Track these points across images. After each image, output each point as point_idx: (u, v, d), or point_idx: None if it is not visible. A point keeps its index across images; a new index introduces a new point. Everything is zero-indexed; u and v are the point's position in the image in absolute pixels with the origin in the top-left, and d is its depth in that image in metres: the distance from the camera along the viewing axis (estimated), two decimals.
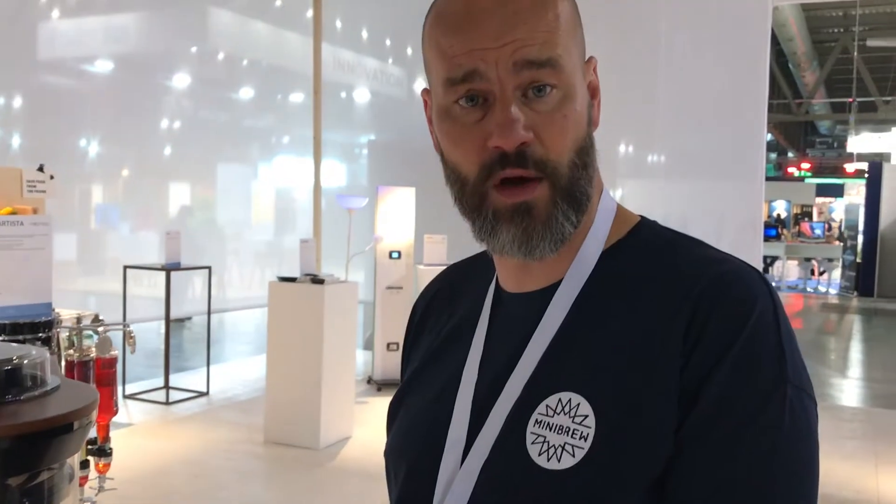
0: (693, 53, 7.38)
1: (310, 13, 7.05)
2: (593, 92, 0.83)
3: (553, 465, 0.74)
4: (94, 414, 1.07)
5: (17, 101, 6.98)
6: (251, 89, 9.32)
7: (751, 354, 0.72)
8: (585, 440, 0.73)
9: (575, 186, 0.78)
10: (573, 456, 0.73)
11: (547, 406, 0.76)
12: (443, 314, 0.95)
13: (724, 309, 0.73)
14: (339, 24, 8.62)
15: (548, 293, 0.82)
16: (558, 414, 0.75)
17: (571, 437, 0.74)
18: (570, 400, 0.75)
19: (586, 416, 0.74)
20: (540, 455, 0.75)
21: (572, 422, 0.74)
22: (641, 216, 0.87)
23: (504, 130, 0.74)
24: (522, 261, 0.80)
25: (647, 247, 0.83)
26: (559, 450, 0.74)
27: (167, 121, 8.45)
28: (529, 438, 0.76)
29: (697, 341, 0.73)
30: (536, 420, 0.76)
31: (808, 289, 16.95)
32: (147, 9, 8.13)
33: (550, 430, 0.75)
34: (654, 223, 0.86)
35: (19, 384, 1.05)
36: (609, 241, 0.83)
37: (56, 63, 7.42)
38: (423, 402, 0.89)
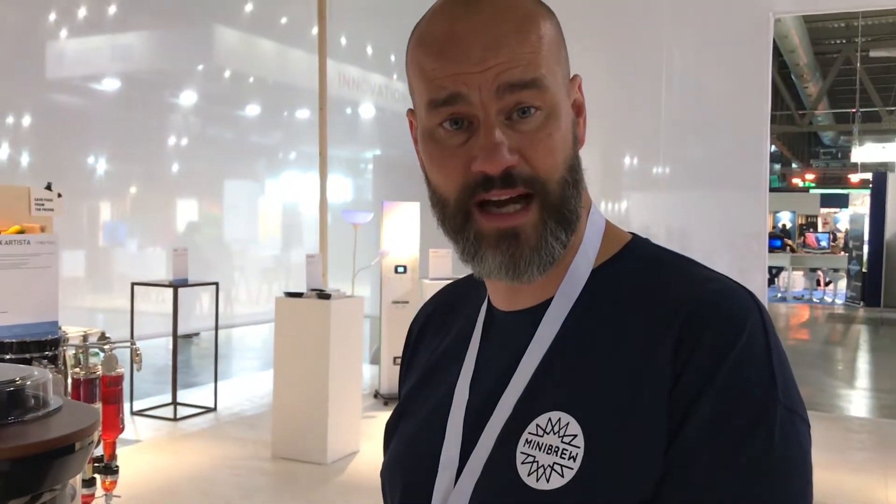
0: (695, 65, 7.41)
1: (315, 30, 7.10)
2: (578, 110, 0.82)
3: (542, 485, 0.73)
4: (97, 434, 1.09)
5: (26, 120, 7.05)
6: (257, 106, 9.39)
7: (740, 375, 0.71)
8: (574, 460, 0.73)
9: (564, 204, 0.78)
10: (562, 476, 0.73)
11: (537, 425, 0.76)
12: (438, 333, 0.96)
13: (713, 329, 0.73)
14: (343, 40, 8.69)
15: (538, 311, 0.82)
16: (548, 433, 0.75)
17: (560, 456, 0.73)
18: (559, 419, 0.75)
19: (575, 436, 0.74)
20: (529, 475, 0.74)
21: (561, 441, 0.74)
22: (633, 234, 0.86)
23: (488, 154, 0.74)
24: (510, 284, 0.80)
25: (637, 265, 0.82)
26: (548, 470, 0.74)
27: (174, 138, 8.52)
28: (519, 458, 0.76)
29: (687, 362, 0.72)
30: (527, 440, 0.76)
31: (814, 299, 16.88)
32: (154, 28, 8.21)
33: (540, 449, 0.75)
34: (646, 241, 0.86)
35: (22, 405, 1.06)
36: (599, 259, 0.83)
37: (64, 81, 7.50)
38: (418, 422, 0.90)
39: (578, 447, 0.73)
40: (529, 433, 0.76)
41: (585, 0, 7.44)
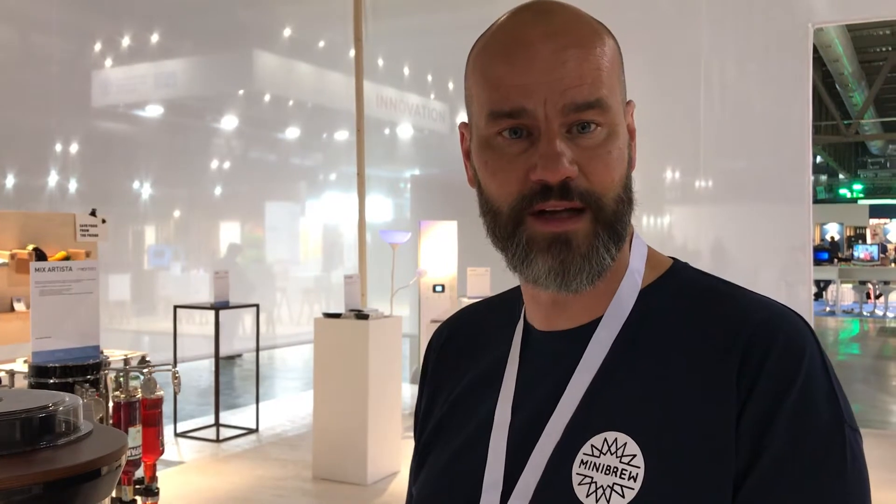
0: (734, 77, 7.34)
1: (352, 53, 7.19)
2: (631, 134, 0.83)
3: None
4: (124, 458, 1.11)
5: (73, 147, 7.23)
6: (297, 129, 9.52)
7: (808, 401, 0.72)
8: (635, 480, 0.73)
9: (618, 220, 0.78)
10: (622, 497, 0.73)
11: (592, 446, 0.76)
12: (465, 357, 0.94)
13: (776, 356, 0.74)
14: (381, 62, 8.78)
15: (584, 332, 0.82)
16: (605, 454, 0.75)
17: (620, 477, 0.73)
18: (616, 440, 0.75)
19: (634, 456, 0.74)
20: (588, 496, 0.74)
21: (620, 462, 0.74)
22: (674, 258, 0.87)
23: (549, 163, 0.74)
24: (556, 294, 0.80)
25: (685, 289, 0.83)
26: (608, 490, 0.73)
27: (217, 161, 8.67)
28: (576, 479, 0.75)
29: (752, 389, 0.73)
30: (582, 460, 0.76)
31: (865, 313, 16.49)
32: (195, 54, 8.38)
33: (597, 470, 0.75)
34: (687, 265, 0.86)
35: (53, 430, 1.09)
36: (645, 282, 0.83)
37: (109, 109, 7.69)
38: (452, 448, 0.88)
39: (638, 467, 0.73)
40: (584, 454, 0.76)
41: (623, 13, 7.43)
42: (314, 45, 9.08)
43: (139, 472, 2.78)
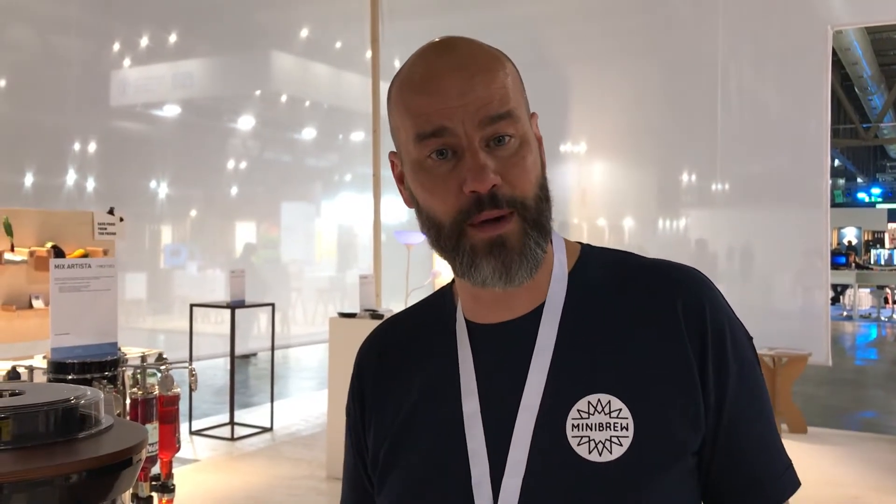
0: (752, 80, 7.30)
1: (368, 54, 7.20)
2: (539, 142, 0.92)
3: (606, 457, 0.83)
4: (145, 452, 1.12)
5: (91, 146, 7.27)
6: (313, 129, 9.55)
7: (736, 335, 0.90)
8: (627, 430, 0.84)
9: (541, 216, 0.88)
10: (621, 445, 0.83)
11: (579, 410, 0.85)
12: (405, 368, 0.97)
13: (707, 306, 0.90)
14: (397, 63, 8.77)
15: (530, 318, 0.91)
16: (593, 414, 0.85)
17: (614, 430, 0.84)
18: (599, 400, 0.85)
19: (621, 410, 0.85)
20: (591, 452, 0.84)
21: (610, 417, 0.84)
22: (580, 242, 0.98)
23: (477, 175, 0.83)
24: (502, 290, 0.87)
25: (601, 265, 0.95)
26: (607, 443, 0.84)
27: (233, 162, 8.70)
28: (573, 441, 0.84)
29: (702, 332, 0.88)
30: (573, 424, 0.85)
31: (882, 318, 16.37)
32: (212, 55, 8.43)
33: (591, 429, 0.85)
34: (592, 245, 0.98)
35: (75, 423, 1.10)
36: (568, 266, 0.94)
37: (127, 109, 7.74)
38: (424, 453, 0.90)
39: (627, 418, 0.84)
40: (573, 418, 0.85)
41: (641, 18, 7.41)
42: (331, 47, 9.11)
43: (155, 469, 2.79)
